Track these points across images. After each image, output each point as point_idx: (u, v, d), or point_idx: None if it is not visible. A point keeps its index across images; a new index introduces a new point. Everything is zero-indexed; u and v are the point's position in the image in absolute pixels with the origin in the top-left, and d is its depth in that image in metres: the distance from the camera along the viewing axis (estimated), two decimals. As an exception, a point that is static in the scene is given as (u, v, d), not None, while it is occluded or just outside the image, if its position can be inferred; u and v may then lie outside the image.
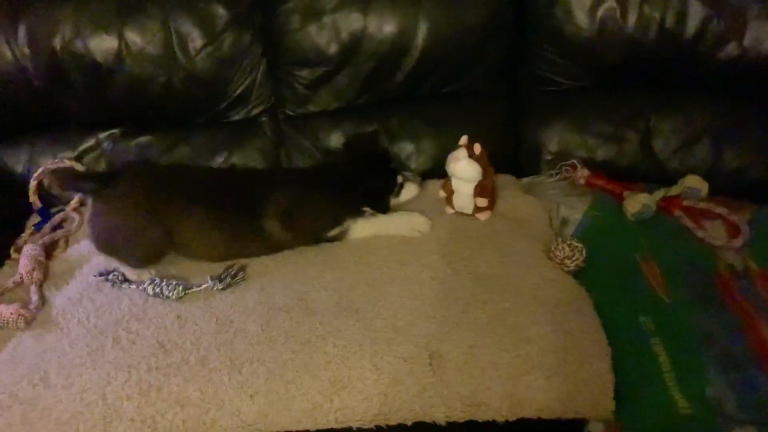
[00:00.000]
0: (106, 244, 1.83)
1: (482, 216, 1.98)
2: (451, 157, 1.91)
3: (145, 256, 1.82)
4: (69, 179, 2.00)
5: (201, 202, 1.84)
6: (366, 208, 1.94)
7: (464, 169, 1.89)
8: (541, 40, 2.23)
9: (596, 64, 2.22)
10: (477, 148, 1.88)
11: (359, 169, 1.98)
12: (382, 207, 1.97)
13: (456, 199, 1.97)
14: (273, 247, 1.91)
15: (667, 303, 1.69)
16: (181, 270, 1.86)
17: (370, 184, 1.95)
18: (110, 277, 1.81)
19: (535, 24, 2.22)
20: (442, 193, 1.99)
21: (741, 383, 1.49)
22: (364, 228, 1.94)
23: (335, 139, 2.25)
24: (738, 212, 1.95)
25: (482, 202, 1.92)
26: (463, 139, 1.91)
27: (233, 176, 2.09)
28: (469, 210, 1.97)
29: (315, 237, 1.93)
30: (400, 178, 2.03)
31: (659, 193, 2.01)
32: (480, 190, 1.92)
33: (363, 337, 1.59)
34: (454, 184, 1.95)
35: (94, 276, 1.83)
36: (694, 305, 1.67)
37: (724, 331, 1.60)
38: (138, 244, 1.80)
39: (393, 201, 2.02)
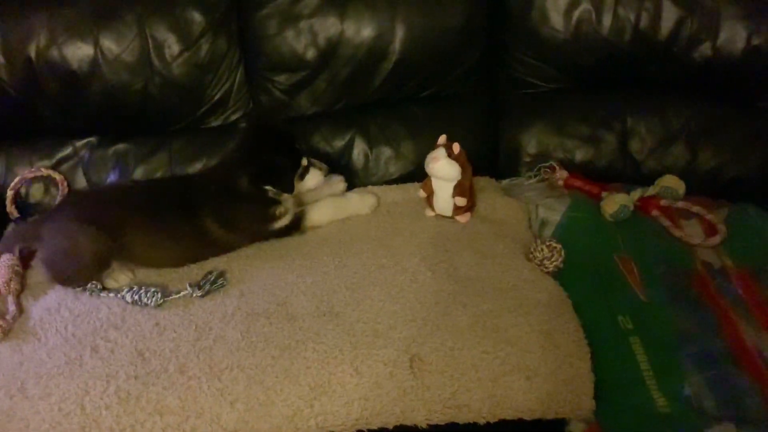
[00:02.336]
0: (60, 274, 1.82)
1: (462, 218, 1.98)
2: (429, 157, 1.92)
3: (92, 265, 1.80)
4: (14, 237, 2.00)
5: (142, 214, 1.86)
6: (270, 187, 1.90)
7: (443, 168, 1.90)
8: (518, 42, 2.24)
9: (572, 66, 2.24)
10: (456, 148, 1.88)
11: (262, 150, 1.91)
12: (286, 186, 1.91)
13: (436, 200, 1.97)
14: (225, 247, 1.92)
15: (644, 302, 1.71)
16: (160, 277, 1.84)
17: (270, 161, 1.89)
18: (88, 285, 1.79)
19: (511, 27, 2.23)
20: (422, 194, 2.00)
21: (718, 381, 1.51)
22: (319, 214, 1.99)
23: (313, 144, 2.26)
24: (714, 211, 1.98)
25: (461, 201, 1.93)
26: (442, 139, 1.92)
27: (169, 185, 2.07)
28: (449, 210, 1.97)
29: (261, 230, 1.94)
30: (304, 161, 1.95)
31: (636, 194, 2.03)
32: (459, 189, 1.92)
33: (343, 341, 1.58)
34: (434, 184, 1.95)
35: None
36: (671, 304, 1.69)
37: (702, 329, 1.62)
38: (80, 255, 1.79)
39: (298, 185, 1.95)
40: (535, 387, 1.53)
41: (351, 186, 2.20)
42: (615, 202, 1.96)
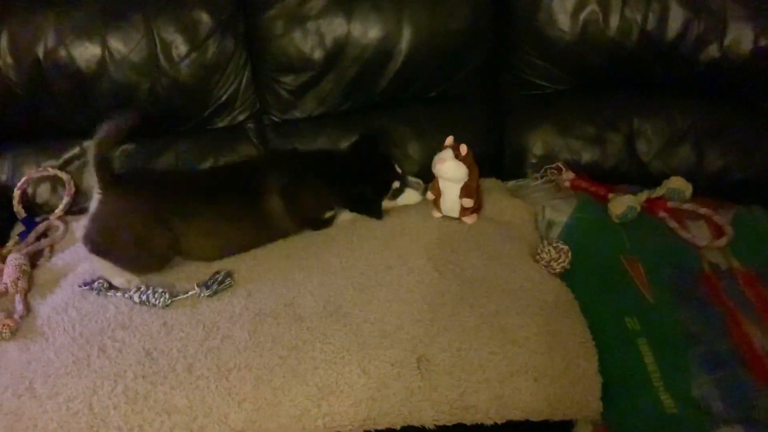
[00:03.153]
0: (107, 248, 1.82)
1: (469, 219, 1.98)
2: (437, 158, 1.92)
3: (150, 265, 1.84)
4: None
5: (206, 201, 1.87)
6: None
7: (450, 169, 1.90)
8: (524, 44, 2.24)
9: (579, 67, 2.24)
10: (463, 149, 1.89)
11: (351, 162, 1.99)
12: (373, 212, 1.98)
13: (443, 201, 1.97)
14: (274, 233, 1.95)
15: (652, 303, 1.70)
16: (168, 277, 1.85)
17: (356, 190, 1.94)
18: (95, 285, 1.80)
19: (517, 28, 2.23)
20: (430, 195, 2.00)
21: (726, 382, 1.51)
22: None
23: (320, 145, 2.25)
24: (721, 213, 1.97)
25: (468, 202, 1.93)
26: (449, 140, 1.92)
27: (231, 170, 2.10)
28: (456, 211, 1.97)
29: (312, 217, 1.98)
30: (396, 184, 2.00)
31: (643, 195, 2.02)
32: (466, 191, 1.92)
33: (350, 341, 1.59)
34: (441, 185, 1.95)
35: (79, 286, 1.82)
36: (678, 305, 1.68)
37: (709, 331, 1.62)
38: (144, 253, 1.81)
39: (390, 204, 2.02)
40: (542, 388, 1.53)
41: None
42: (622, 204, 1.96)
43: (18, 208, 2.16)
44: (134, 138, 2.24)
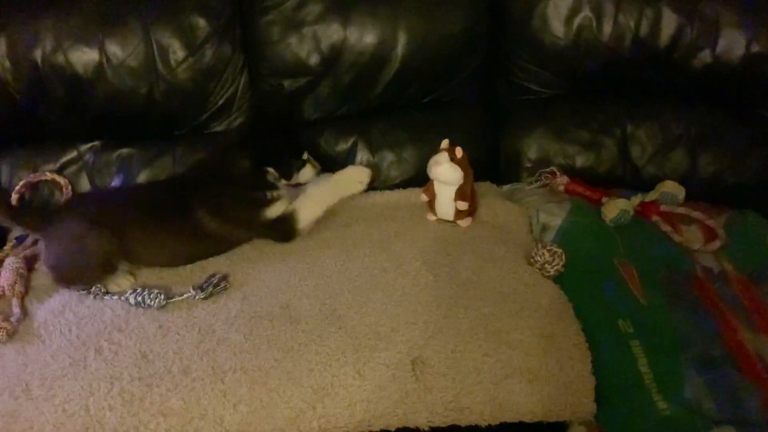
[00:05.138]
0: (67, 276, 1.84)
1: (463, 222, 1.99)
2: (432, 160, 1.93)
3: (99, 267, 1.82)
4: (12, 213, 2.01)
5: (141, 211, 1.89)
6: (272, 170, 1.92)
7: (445, 172, 1.91)
8: (519, 49, 2.26)
9: (573, 72, 2.25)
10: (458, 152, 1.90)
11: (268, 134, 1.93)
12: (286, 170, 1.94)
13: (437, 204, 1.98)
14: (222, 241, 1.95)
15: (645, 306, 1.71)
16: (163, 280, 1.86)
17: (275, 144, 1.92)
18: (92, 289, 1.80)
19: (512, 33, 2.25)
20: (425, 198, 2.01)
21: (718, 383, 1.52)
22: (309, 209, 1.99)
23: (317, 149, 2.26)
24: (714, 216, 1.99)
25: (463, 205, 1.94)
26: (445, 143, 1.94)
27: (164, 184, 2.10)
28: (451, 214, 1.98)
29: (254, 218, 1.94)
30: (305, 155, 1.98)
31: (637, 199, 2.04)
32: (461, 193, 1.93)
33: (345, 344, 1.59)
34: (436, 188, 1.96)
35: (76, 289, 1.82)
36: (671, 308, 1.69)
37: (702, 333, 1.63)
38: (88, 257, 1.81)
39: (293, 177, 1.98)
40: (536, 390, 1.53)
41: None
42: (615, 208, 1.97)
43: (15, 211, 2.17)
44: (131, 142, 2.25)
